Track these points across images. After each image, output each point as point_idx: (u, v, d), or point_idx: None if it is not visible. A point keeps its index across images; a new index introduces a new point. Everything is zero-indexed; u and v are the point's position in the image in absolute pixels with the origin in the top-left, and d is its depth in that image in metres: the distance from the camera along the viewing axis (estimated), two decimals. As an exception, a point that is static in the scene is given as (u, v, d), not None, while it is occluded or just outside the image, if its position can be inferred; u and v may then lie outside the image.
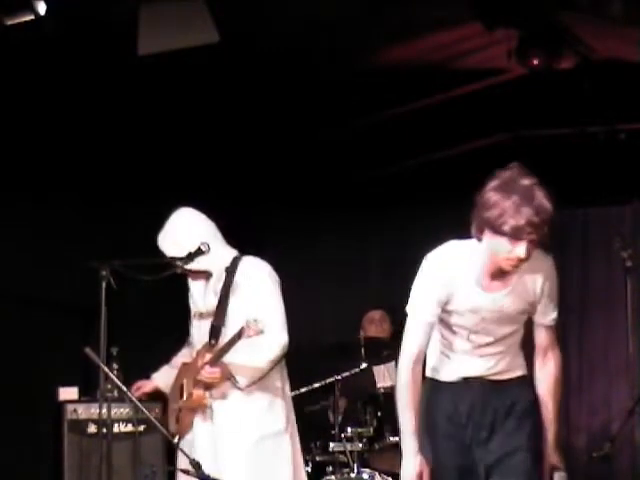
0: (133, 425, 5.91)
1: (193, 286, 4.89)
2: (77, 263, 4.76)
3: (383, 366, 6.92)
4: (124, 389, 4.48)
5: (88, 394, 6.04)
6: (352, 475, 5.86)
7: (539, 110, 6.58)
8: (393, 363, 6.97)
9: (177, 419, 4.84)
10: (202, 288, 4.85)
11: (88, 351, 4.31)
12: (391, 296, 7.72)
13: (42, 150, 6.18)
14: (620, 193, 7.29)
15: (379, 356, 6.42)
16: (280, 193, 7.83)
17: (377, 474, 5.97)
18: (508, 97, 6.41)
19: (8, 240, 6.03)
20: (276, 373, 4.85)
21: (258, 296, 4.76)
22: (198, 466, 3.98)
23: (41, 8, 4.74)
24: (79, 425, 5.95)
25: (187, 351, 5.04)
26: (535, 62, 5.57)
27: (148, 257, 4.79)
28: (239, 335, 4.57)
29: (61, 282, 6.17)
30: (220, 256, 4.82)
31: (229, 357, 4.68)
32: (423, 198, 7.64)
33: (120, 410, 5.92)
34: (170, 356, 5.09)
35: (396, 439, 6.02)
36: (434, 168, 7.30)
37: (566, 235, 7.55)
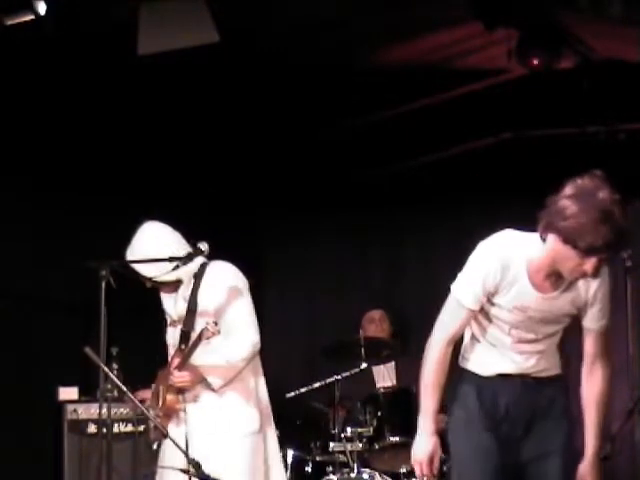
0: (133, 425, 5.92)
1: (164, 297, 4.92)
2: (77, 263, 4.75)
3: (383, 366, 6.92)
4: (124, 389, 4.49)
5: (88, 394, 6.04)
6: (352, 475, 5.85)
7: (539, 110, 6.58)
8: (393, 363, 6.98)
9: (155, 426, 4.85)
10: (172, 297, 4.89)
11: (88, 351, 4.31)
12: (391, 296, 7.74)
13: (42, 150, 6.19)
14: (620, 193, 7.27)
15: (379, 356, 6.42)
16: (280, 193, 7.83)
17: (377, 474, 5.96)
18: (508, 97, 6.40)
19: (8, 240, 6.03)
20: (248, 372, 4.86)
21: (226, 298, 4.78)
22: (198, 466, 3.98)
23: (41, 8, 4.74)
24: (79, 425, 5.96)
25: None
26: (535, 62, 5.56)
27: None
28: (199, 338, 4.64)
29: (61, 282, 6.17)
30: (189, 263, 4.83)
31: (200, 359, 4.72)
32: (423, 198, 7.64)
33: (120, 410, 5.93)
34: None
35: (396, 439, 6.03)
36: (434, 168, 7.30)
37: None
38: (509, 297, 3.66)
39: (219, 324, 4.70)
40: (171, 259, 4.73)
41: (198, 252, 4.75)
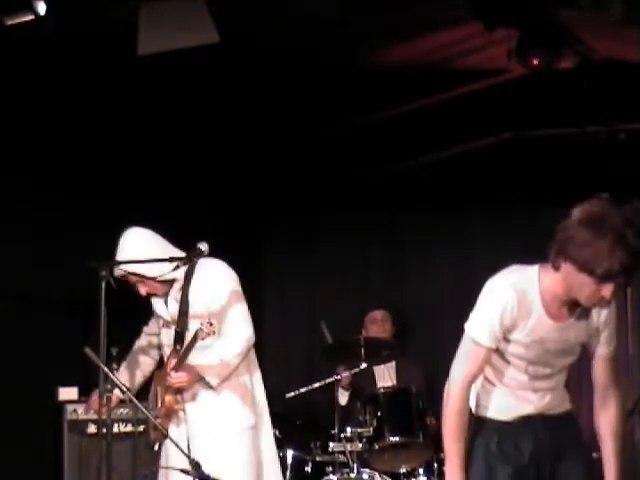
0: (133, 425, 5.92)
1: (154, 300, 4.92)
2: (77, 263, 4.75)
3: (383, 366, 6.92)
4: (124, 389, 4.49)
5: (88, 394, 6.03)
6: (352, 475, 5.86)
7: (539, 110, 6.58)
8: (394, 363, 6.98)
9: (154, 427, 4.85)
10: (162, 300, 4.88)
11: (88, 351, 4.32)
12: (391, 296, 7.74)
13: (42, 150, 6.18)
14: (620, 193, 7.27)
15: (379, 356, 6.42)
16: (280, 193, 7.83)
17: (377, 474, 5.97)
18: (508, 97, 6.40)
19: (8, 240, 6.03)
20: (243, 368, 4.87)
21: (217, 296, 4.79)
22: (198, 466, 3.98)
23: (41, 8, 4.74)
24: (79, 425, 5.96)
25: (143, 341, 5.12)
26: (535, 62, 5.56)
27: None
28: (195, 338, 4.64)
29: (61, 282, 6.17)
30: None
31: (197, 359, 4.73)
32: (423, 198, 7.64)
33: (120, 410, 5.92)
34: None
35: (396, 439, 6.03)
36: (434, 168, 7.30)
37: (566, 235, 7.54)
38: (526, 331, 3.56)
39: (213, 323, 4.72)
40: (171, 259, 4.73)
41: (198, 252, 4.75)
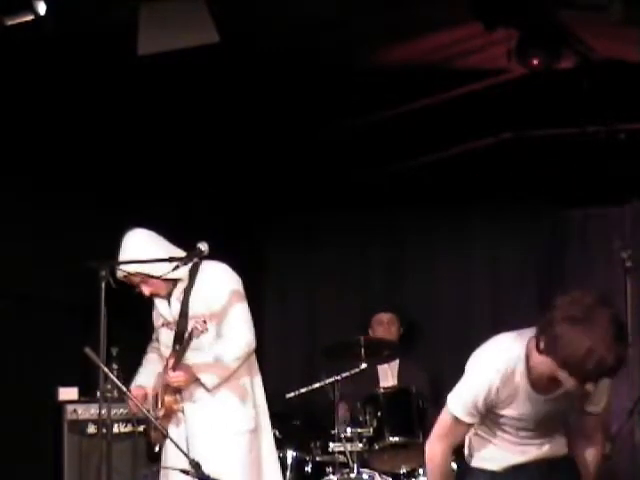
0: (133, 425, 5.92)
1: (157, 300, 4.92)
2: (77, 263, 4.75)
3: (387, 365, 6.92)
4: (124, 389, 4.49)
5: (88, 394, 6.04)
6: (352, 475, 5.85)
7: (539, 110, 6.58)
8: (397, 363, 6.98)
9: (155, 427, 4.85)
10: (165, 299, 4.89)
11: (88, 351, 4.31)
12: (391, 296, 7.74)
13: (42, 150, 6.18)
14: (620, 193, 7.28)
15: (380, 356, 6.41)
16: (280, 193, 7.83)
17: (377, 474, 5.97)
18: (508, 97, 6.40)
19: (8, 239, 6.03)
20: (244, 371, 4.87)
21: (220, 299, 4.79)
22: (198, 466, 3.98)
23: (41, 8, 4.73)
24: (79, 425, 5.96)
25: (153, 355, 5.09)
26: (535, 62, 5.56)
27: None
28: (190, 336, 4.66)
29: (61, 282, 6.17)
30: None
31: (195, 359, 4.73)
32: (423, 198, 7.64)
33: (120, 410, 5.93)
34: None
35: (396, 439, 6.02)
36: (434, 168, 7.30)
37: (566, 235, 7.55)
38: (514, 407, 3.53)
39: (209, 322, 4.73)
40: (171, 259, 4.74)
41: (198, 252, 4.75)
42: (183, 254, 4.80)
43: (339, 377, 6.05)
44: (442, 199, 7.62)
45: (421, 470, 6.18)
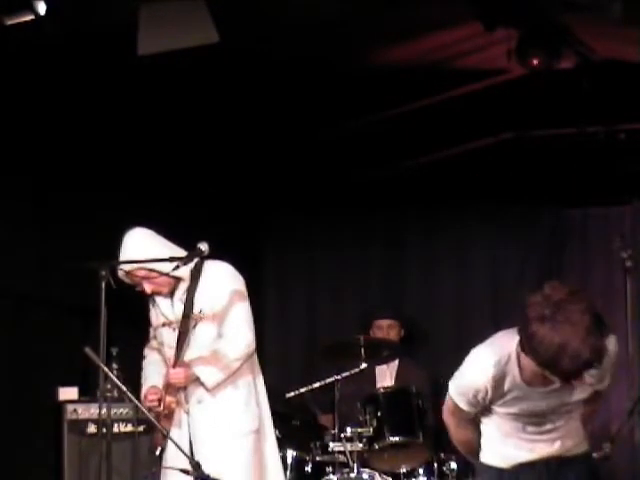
0: (133, 425, 5.92)
1: (158, 299, 4.91)
2: (77, 263, 4.75)
3: (386, 366, 6.92)
4: (124, 389, 4.48)
5: (88, 394, 6.04)
6: (352, 475, 5.85)
7: (539, 110, 6.58)
8: (396, 363, 6.97)
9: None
10: (168, 299, 4.88)
11: (88, 351, 4.31)
12: (391, 296, 7.74)
13: (42, 150, 6.18)
14: (620, 193, 7.28)
15: (379, 356, 6.41)
16: (280, 193, 7.83)
17: (377, 474, 5.97)
18: (508, 97, 6.40)
19: (8, 240, 6.03)
20: (247, 372, 4.88)
21: (223, 300, 4.79)
22: (198, 466, 3.98)
23: (41, 8, 4.73)
24: (79, 425, 5.95)
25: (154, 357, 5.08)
26: (535, 62, 5.56)
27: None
28: (186, 328, 4.71)
29: (61, 282, 6.17)
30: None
31: (195, 360, 4.73)
32: (423, 198, 7.64)
33: (120, 410, 5.93)
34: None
35: (396, 439, 6.03)
36: (434, 168, 7.30)
37: (566, 235, 7.56)
38: (510, 403, 3.54)
39: (212, 322, 4.73)
40: (172, 259, 4.74)
41: (198, 252, 4.75)
42: (184, 253, 4.80)
43: (339, 377, 6.06)
44: (442, 199, 7.62)
45: (421, 470, 6.19)
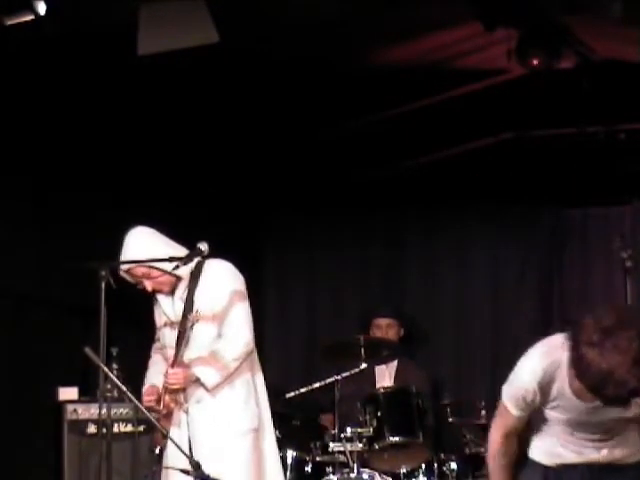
0: (133, 425, 5.92)
1: (161, 299, 4.91)
2: (77, 263, 4.75)
3: (385, 366, 6.92)
4: (124, 389, 4.48)
5: (88, 394, 6.04)
6: (352, 475, 5.85)
7: (539, 110, 6.58)
8: (396, 362, 6.97)
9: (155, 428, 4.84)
10: (169, 298, 4.88)
11: (88, 351, 4.31)
12: (391, 296, 7.74)
13: (42, 150, 6.18)
14: (620, 193, 7.29)
15: (379, 356, 6.41)
16: (280, 193, 7.83)
17: (377, 474, 5.97)
18: (508, 97, 6.40)
19: (8, 239, 6.03)
20: (246, 371, 4.88)
21: (223, 300, 4.79)
22: (198, 466, 3.98)
23: (41, 8, 4.74)
24: (79, 425, 5.95)
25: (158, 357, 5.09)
26: (535, 62, 5.56)
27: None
28: (184, 328, 4.69)
29: (61, 282, 6.17)
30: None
31: (194, 360, 4.74)
32: (423, 198, 7.64)
33: (120, 410, 5.93)
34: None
35: (396, 439, 6.03)
36: (434, 168, 7.30)
37: (566, 235, 7.56)
38: (559, 411, 3.52)
39: (212, 323, 4.74)
40: (171, 259, 4.74)
41: (198, 252, 4.75)
42: (186, 251, 4.80)
43: (339, 377, 6.05)
44: (442, 199, 7.62)
45: (421, 470, 6.19)
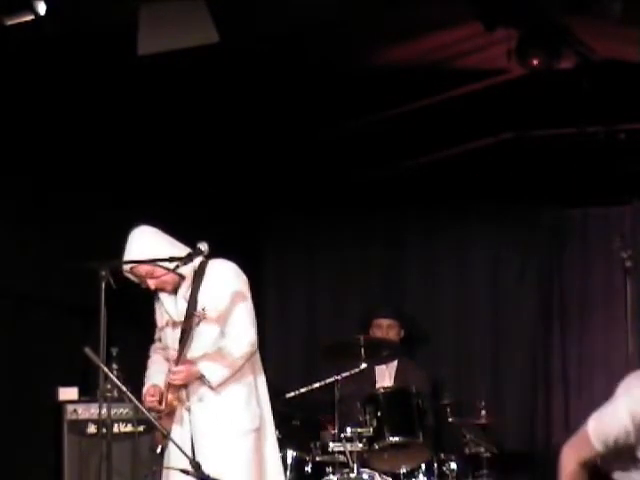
0: (133, 425, 5.92)
1: (164, 298, 4.91)
2: (77, 263, 4.75)
3: (385, 366, 6.91)
4: (124, 389, 4.48)
5: (88, 394, 6.04)
6: (352, 475, 5.85)
7: (539, 110, 6.58)
8: (396, 362, 6.97)
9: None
10: (172, 297, 4.88)
11: (88, 351, 4.31)
12: (391, 296, 7.74)
13: (43, 150, 6.18)
14: (620, 193, 7.29)
15: (379, 356, 6.41)
16: (280, 193, 7.83)
17: (377, 474, 5.97)
18: (508, 97, 6.40)
19: (8, 240, 6.03)
20: (248, 371, 4.88)
21: (227, 300, 4.79)
22: (198, 466, 3.98)
23: (41, 8, 4.74)
24: (79, 425, 5.96)
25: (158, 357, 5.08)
26: (535, 62, 5.56)
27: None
28: (189, 325, 4.71)
29: (61, 282, 6.17)
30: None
31: (198, 358, 4.75)
32: (423, 198, 7.64)
33: (120, 410, 5.93)
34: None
35: (396, 439, 6.03)
36: (434, 168, 7.30)
37: (566, 235, 7.56)
38: None
39: (216, 323, 4.74)
40: (171, 259, 4.74)
41: (198, 252, 4.76)
42: (188, 250, 4.81)
43: (339, 377, 6.05)
44: (442, 199, 7.62)
45: (421, 470, 6.19)
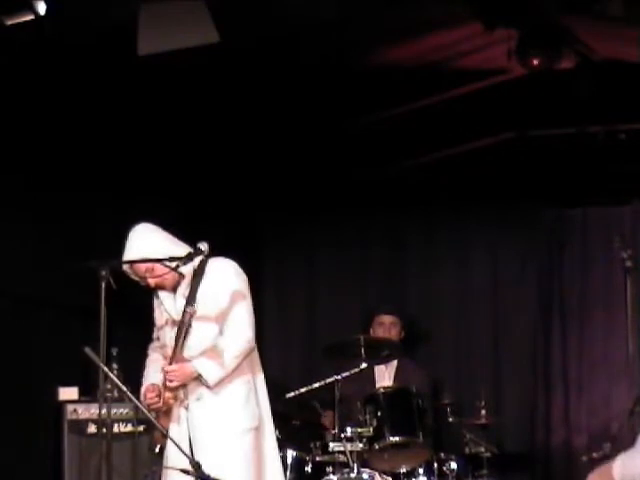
0: (133, 425, 5.92)
1: (164, 297, 4.91)
2: (77, 263, 4.75)
3: (384, 366, 6.91)
4: (124, 389, 4.48)
5: (88, 394, 6.04)
6: (352, 475, 5.85)
7: (539, 110, 6.58)
8: (396, 362, 6.97)
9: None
10: (172, 295, 4.89)
11: (88, 351, 4.31)
12: (391, 295, 7.74)
13: (42, 150, 6.18)
14: (620, 193, 7.29)
15: (379, 356, 6.41)
16: (280, 193, 7.83)
17: (377, 474, 5.97)
18: (508, 97, 6.41)
19: (8, 240, 6.03)
20: (247, 370, 4.88)
21: (226, 298, 4.79)
22: (198, 466, 3.98)
23: (41, 8, 4.74)
24: (79, 425, 5.96)
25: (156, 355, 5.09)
26: (535, 62, 5.56)
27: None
28: (183, 323, 4.70)
29: (61, 282, 6.17)
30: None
31: (195, 357, 4.76)
32: (423, 197, 7.64)
33: (120, 410, 5.93)
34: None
35: (396, 439, 6.03)
36: (434, 168, 7.31)
37: (566, 235, 7.56)
38: None
39: (216, 322, 4.75)
40: (171, 259, 4.74)
41: (198, 252, 4.76)
42: (189, 249, 4.81)
43: (339, 377, 6.05)
44: (442, 199, 7.63)
45: (421, 470, 6.19)
